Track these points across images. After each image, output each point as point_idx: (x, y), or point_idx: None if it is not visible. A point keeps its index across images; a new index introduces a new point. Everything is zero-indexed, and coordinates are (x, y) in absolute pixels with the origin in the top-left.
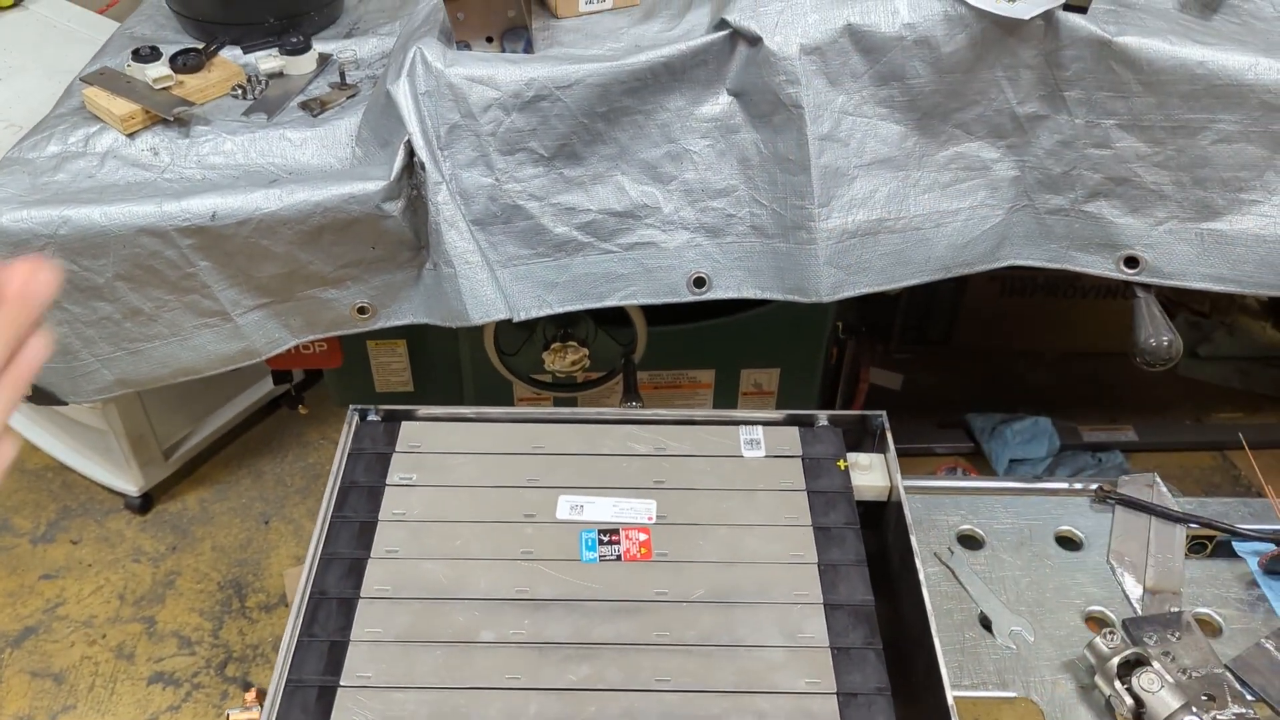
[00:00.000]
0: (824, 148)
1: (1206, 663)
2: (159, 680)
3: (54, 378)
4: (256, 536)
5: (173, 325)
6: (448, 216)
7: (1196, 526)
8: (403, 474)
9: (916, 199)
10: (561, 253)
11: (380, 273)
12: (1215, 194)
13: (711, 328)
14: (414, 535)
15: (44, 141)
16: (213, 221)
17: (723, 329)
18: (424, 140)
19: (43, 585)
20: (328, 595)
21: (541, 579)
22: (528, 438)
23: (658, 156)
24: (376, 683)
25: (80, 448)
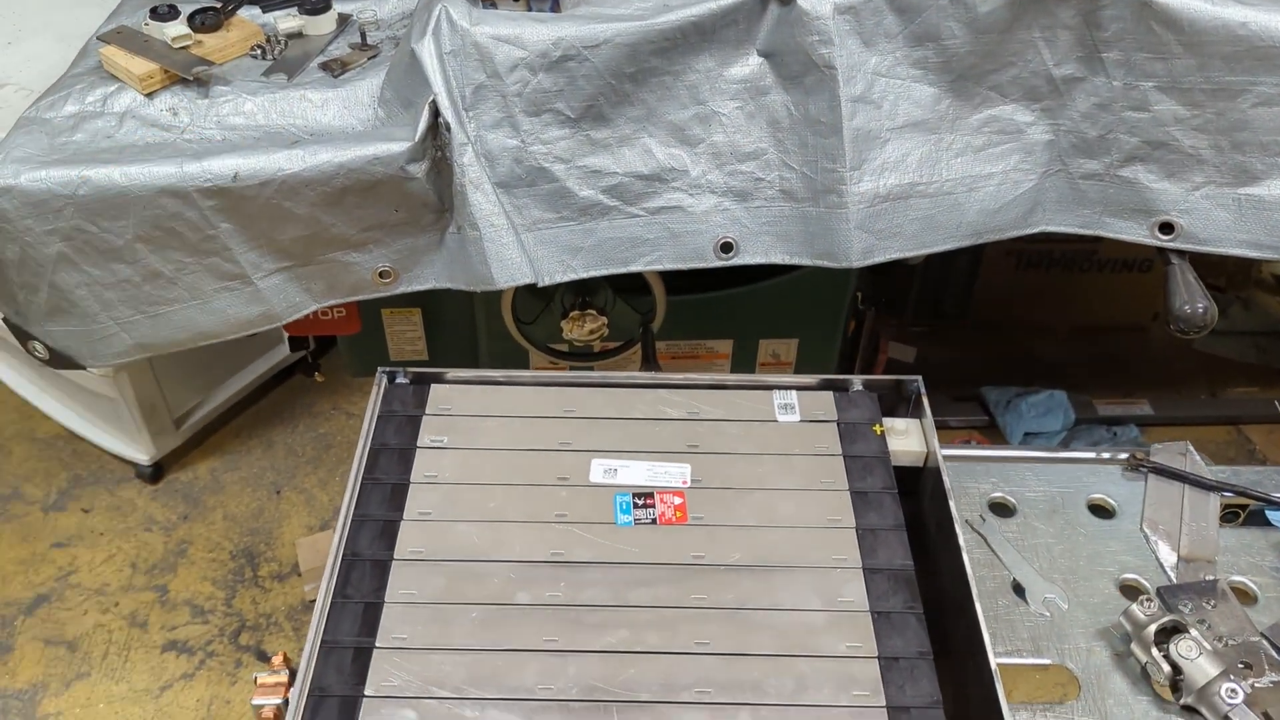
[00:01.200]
0: (856, 110)
1: (1243, 631)
2: (172, 648)
3: (72, 341)
4: (268, 506)
5: (192, 288)
6: (473, 178)
7: (1230, 495)
8: (434, 436)
9: (949, 163)
10: (587, 216)
11: (403, 236)
12: (1254, 158)
13: (730, 297)
14: (447, 497)
15: (61, 101)
16: (234, 182)
17: (742, 298)
18: (449, 101)
19: (55, 553)
20: (360, 557)
21: (576, 542)
22: (558, 402)
23: (686, 118)
24: (413, 645)
25: (91, 416)
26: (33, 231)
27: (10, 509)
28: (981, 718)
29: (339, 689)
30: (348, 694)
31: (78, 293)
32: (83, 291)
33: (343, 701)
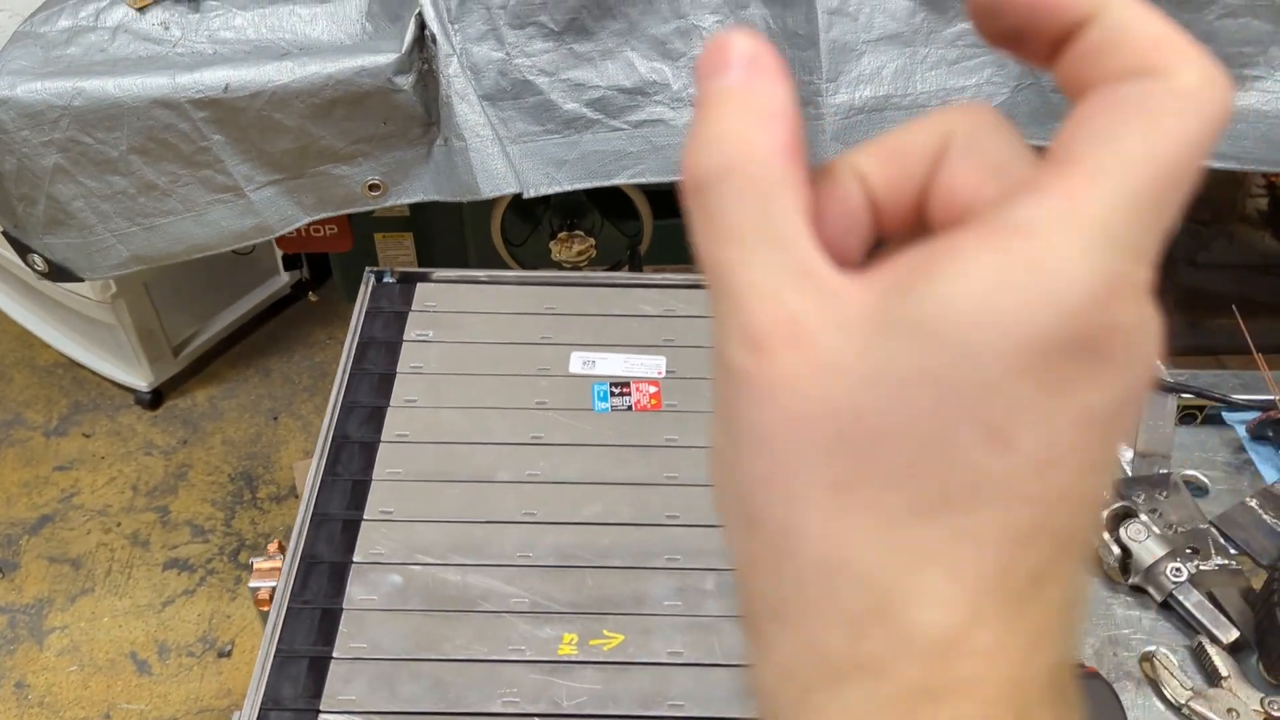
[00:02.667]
0: (833, 22)
1: (1192, 519)
2: (174, 566)
3: (70, 254)
4: (265, 432)
5: (187, 200)
6: (459, 90)
7: (1189, 396)
8: (419, 331)
9: (923, 75)
10: (571, 129)
11: (392, 149)
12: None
13: None
14: (432, 386)
15: (54, 16)
16: (226, 94)
17: None
18: (435, 13)
19: (57, 476)
20: (350, 439)
21: (555, 426)
22: (540, 299)
23: (667, 32)
24: (399, 517)
25: (90, 344)
26: (29, 143)
27: (13, 434)
28: None
29: (329, 556)
30: (337, 560)
31: (75, 204)
32: (79, 203)
33: (332, 567)
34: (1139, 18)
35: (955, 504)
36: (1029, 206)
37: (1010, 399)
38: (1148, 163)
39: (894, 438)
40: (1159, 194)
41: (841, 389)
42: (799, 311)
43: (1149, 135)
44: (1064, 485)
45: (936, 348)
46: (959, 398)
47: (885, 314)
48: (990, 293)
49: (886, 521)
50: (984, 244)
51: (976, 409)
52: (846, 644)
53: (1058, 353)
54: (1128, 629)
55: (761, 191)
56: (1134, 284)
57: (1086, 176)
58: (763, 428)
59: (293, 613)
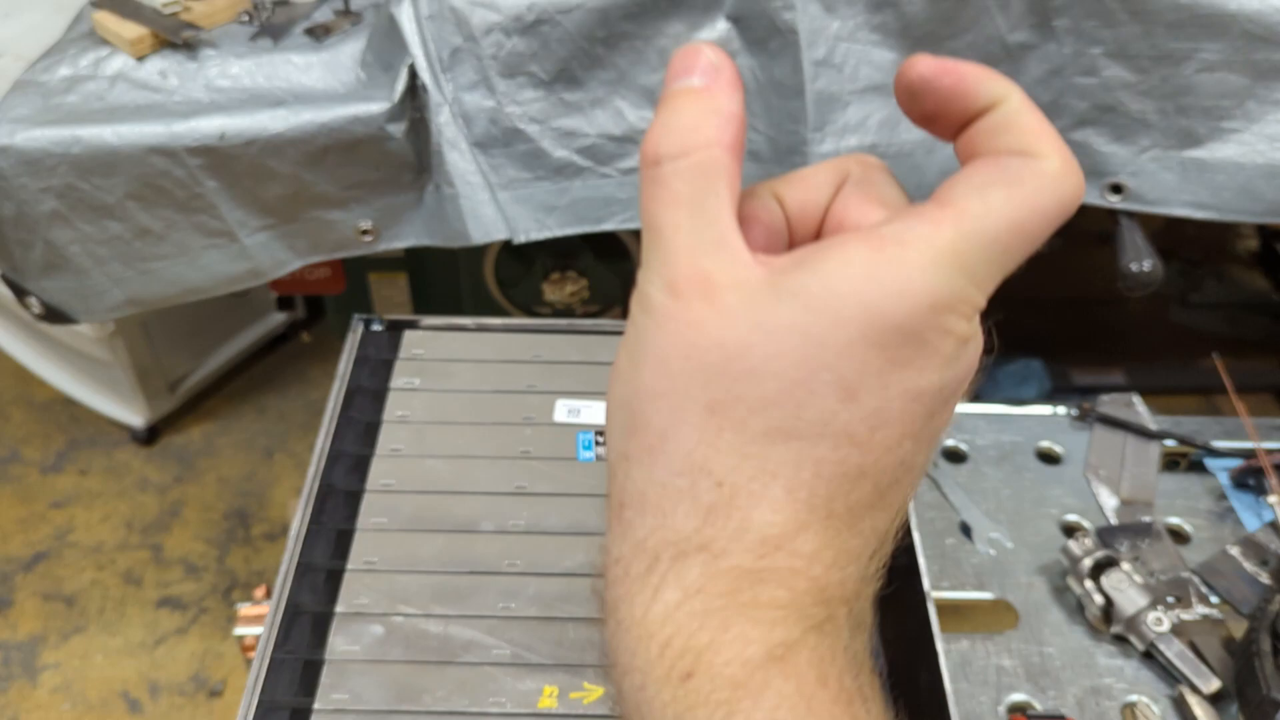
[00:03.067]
0: (819, 73)
1: (1174, 567)
2: (167, 604)
3: (66, 297)
4: (260, 469)
5: (181, 245)
6: (449, 138)
7: (1171, 443)
8: (406, 379)
9: (908, 125)
10: (561, 176)
11: (383, 194)
12: (1197, 122)
13: None
14: (417, 435)
15: (55, 65)
16: (221, 142)
17: None
18: (426, 63)
19: (52, 513)
20: (335, 488)
21: (539, 476)
22: (526, 347)
23: (656, 82)
24: (382, 567)
25: (87, 381)
26: (28, 189)
27: (9, 471)
28: (918, 644)
29: (312, 606)
30: (320, 611)
31: (71, 249)
32: (76, 248)
33: (315, 617)
34: (1028, 112)
35: (803, 436)
36: (904, 225)
37: (860, 362)
38: (1004, 216)
39: (765, 374)
40: (1007, 242)
41: (732, 332)
42: (712, 270)
43: (1011, 196)
44: (889, 441)
45: (813, 311)
46: (823, 352)
47: (778, 282)
48: (860, 278)
49: (746, 439)
50: (863, 244)
51: (834, 364)
52: (695, 528)
53: (899, 334)
54: (1110, 678)
55: (704, 173)
56: (968, 302)
57: (955, 213)
58: (664, 351)
59: (276, 663)
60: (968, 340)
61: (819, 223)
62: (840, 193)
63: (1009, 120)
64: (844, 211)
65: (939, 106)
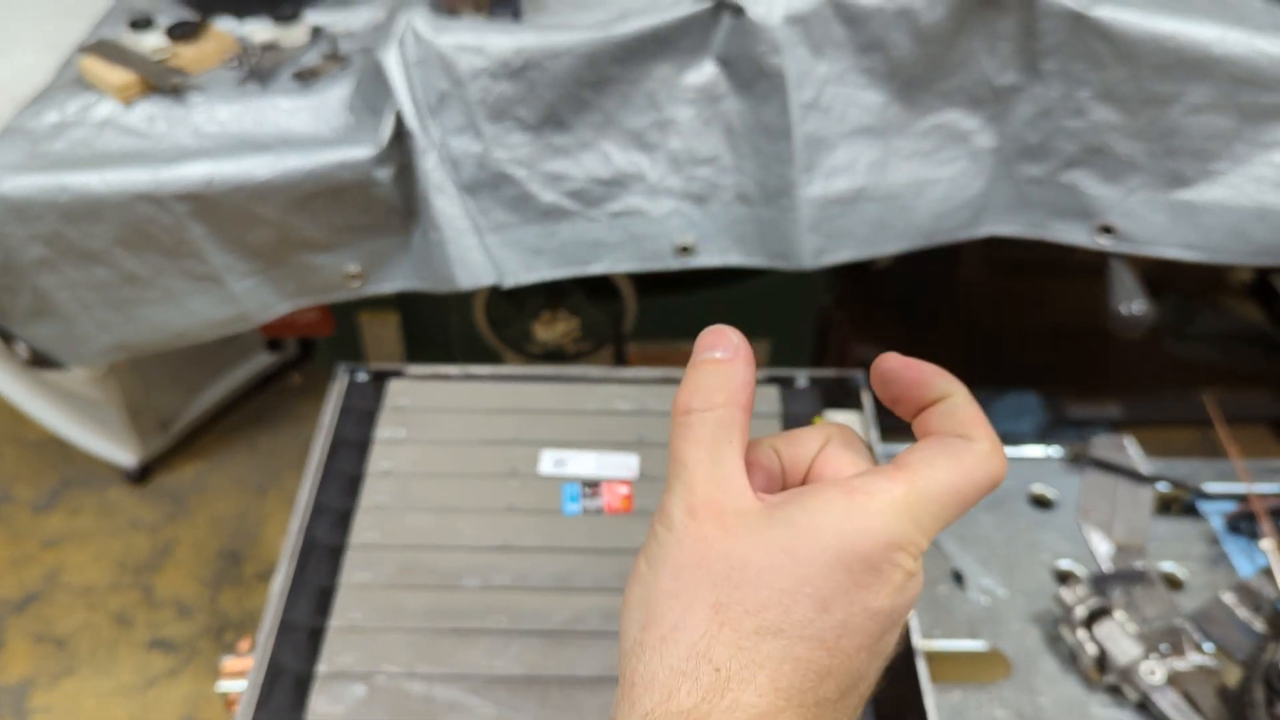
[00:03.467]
0: (806, 116)
1: (1168, 615)
2: (158, 645)
3: (54, 342)
4: (252, 507)
5: (168, 290)
6: (436, 183)
7: (1164, 487)
8: (390, 430)
9: (897, 167)
10: (549, 219)
11: (371, 239)
12: (1186, 164)
13: (700, 299)
14: (401, 488)
15: (43, 111)
16: (207, 188)
17: (712, 301)
18: (413, 108)
19: (44, 553)
20: (318, 544)
21: (525, 530)
22: (512, 396)
23: (644, 125)
24: (365, 625)
25: (80, 420)
26: (15, 236)
27: (1, 510)
28: (908, 696)
29: (294, 665)
30: (302, 670)
31: (58, 295)
32: (63, 294)
33: (297, 677)
34: (968, 405)
35: (786, 635)
36: (871, 480)
37: (833, 581)
38: (946, 482)
39: (760, 583)
40: (947, 501)
41: (736, 548)
42: (723, 500)
43: (951, 467)
44: (850, 649)
45: (799, 538)
46: (806, 569)
47: (773, 513)
48: (836, 515)
49: (742, 634)
50: (839, 491)
51: (814, 580)
52: (694, 704)
53: (862, 562)
54: None
55: (722, 425)
56: (915, 544)
57: (909, 475)
58: (681, 560)
59: None
60: (913, 575)
61: (805, 472)
62: (824, 450)
63: (955, 410)
64: (825, 465)
65: (903, 393)
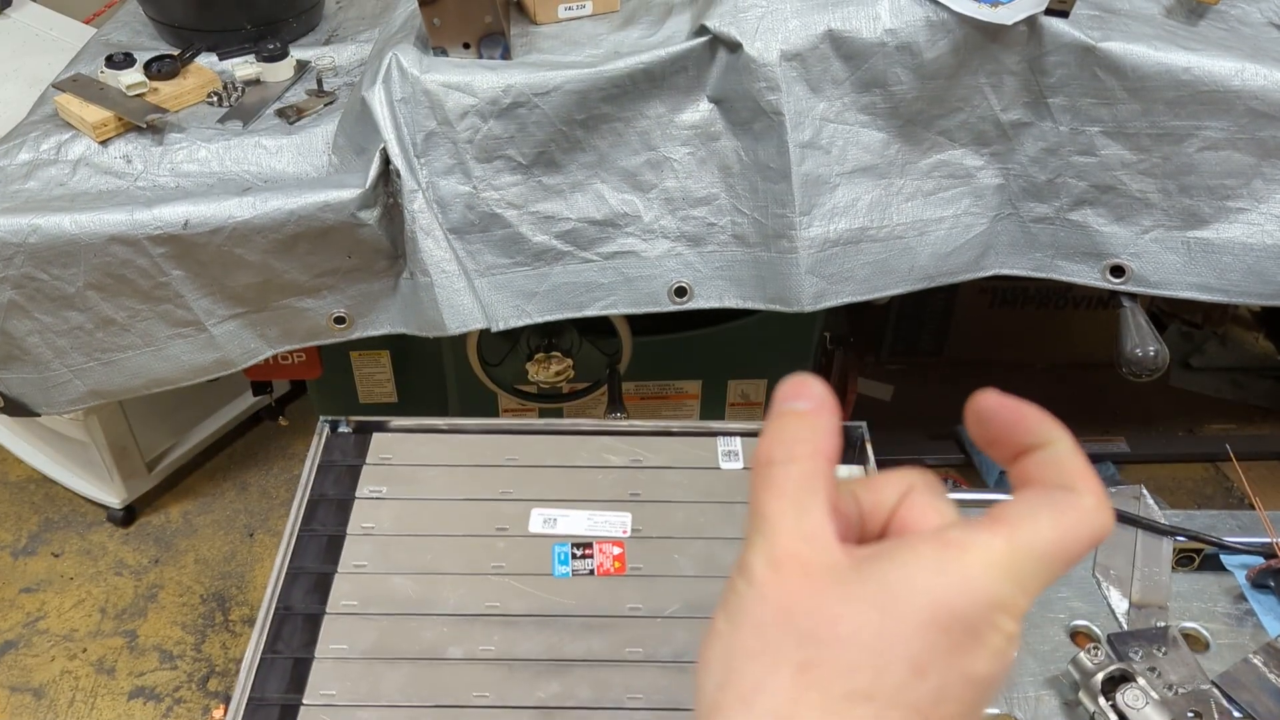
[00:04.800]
0: (805, 155)
1: (1193, 679)
2: (140, 695)
3: (27, 389)
4: (240, 549)
5: (146, 335)
6: (424, 225)
7: (1184, 540)
8: (373, 487)
9: (899, 207)
10: (541, 262)
11: (357, 282)
12: (1202, 202)
13: (697, 338)
14: (382, 549)
15: (15, 149)
16: (185, 230)
17: (708, 339)
18: (399, 148)
19: (23, 599)
20: (293, 611)
21: (512, 594)
22: (501, 449)
23: (638, 164)
24: (340, 701)
25: (63, 459)
26: None
27: None
28: None
29: None
30: None
31: (30, 340)
32: (35, 339)
33: None
34: (1072, 454)
35: (878, 700)
36: (967, 533)
37: (929, 643)
38: (1049, 538)
39: (850, 643)
40: (1050, 559)
41: (824, 603)
42: (809, 553)
43: (1056, 522)
44: (946, 716)
45: (890, 593)
46: (900, 627)
47: (862, 567)
48: (929, 570)
49: (831, 699)
50: (932, 543)
51: (909, 640)
52: None
53: (960, 623)
54: None
55: (807, 476)
56: (1017, 606)
57: (1009, 529)
58: (763, 617)
59: None
60: (1013, 638)
61: (886, 521)
62: (908, 498)
63: (1058, 459)
64: (909, 514)
65: (1000, 435)
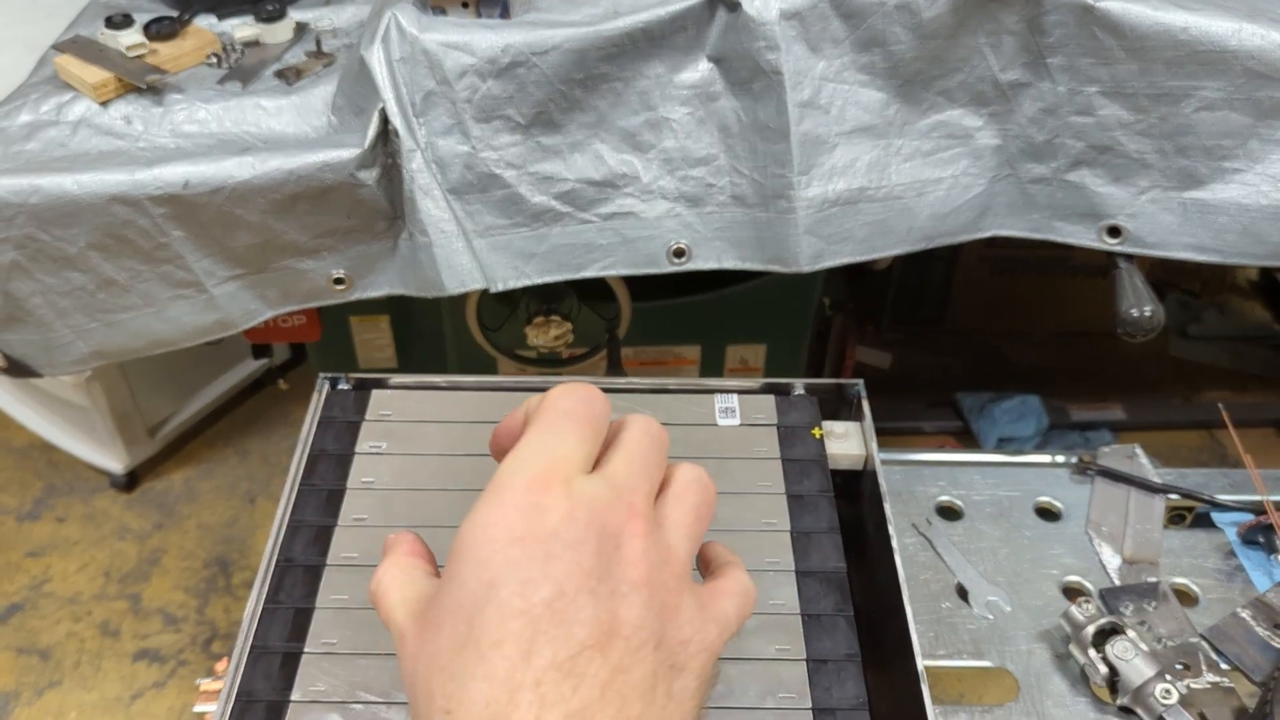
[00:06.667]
0: (804, 115)
1: (1182, 632)
2: (144, 656)
3: (29, 350)
4: (242, 514)
5: (147, 296)
6: (423, 185)
7: (1176, 497)
8: (372, 442)
9: (898, 167)
10: (539, 222)
11: (356, 243)
12: (1198, 162)
13: (696, 303)
14: (382, 503)
15: (15, 111)
16: (185, 190)
17: (707, 304)
18: (398, 108)
19: (28, 562)
20: (294, 562)
21: None
22: (501, 406)
23: (636, 124)
24: (341, 649)
25: (66, 426)
26: None
27: None
28: (910, 717)
29: (266, 694)
30: (274, 699)
31: (32, 301)
32: (37, 300)
33: (269, 706)
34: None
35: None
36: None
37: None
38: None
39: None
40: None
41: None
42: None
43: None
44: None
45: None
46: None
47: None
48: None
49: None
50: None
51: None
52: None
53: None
54: None
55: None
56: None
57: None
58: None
59: None
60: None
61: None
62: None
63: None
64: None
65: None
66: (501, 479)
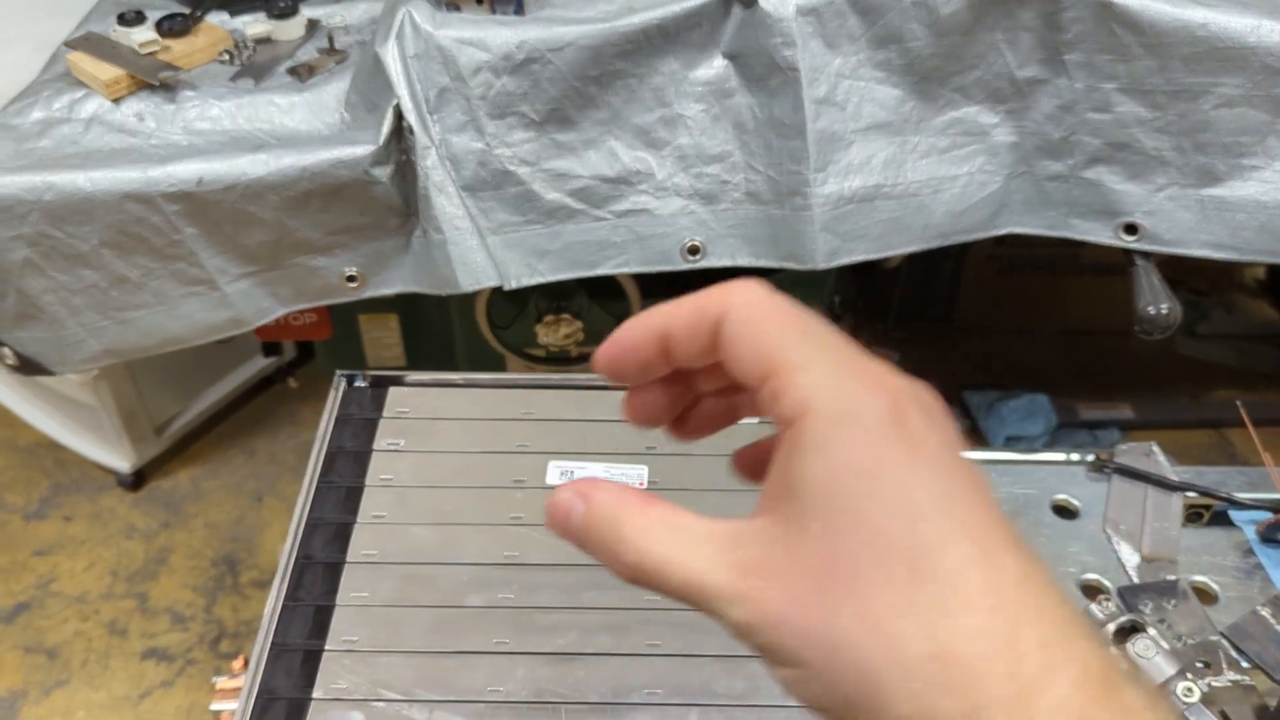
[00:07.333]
0: (820, 111)
1: (1202, 630)
2: (152, 656)
3: (41, 347)
4: (249, 513)
5: (159, 293)
6: (437, 182)
7: (1194, 495)
8: (390, 439)
9: (914, 165)
10: (553, 220)
11: (369, 240)
12: (1216, 159)
13: None
14: (401, 500)
15: (28, 108)
16: (199, 187)
17: None
18: (413, 104)
19: (35, 561)
20: (314, 560)
21: (530, 544)
22: (517, 404)
23: (651, 121)
24: (362, 647)
25: (72, 424)
26: None
27: None
28: None
29: (287, 691)
30: (296, 696)
31: (45, 298)
32: (50, 297)
33: (290, 704)
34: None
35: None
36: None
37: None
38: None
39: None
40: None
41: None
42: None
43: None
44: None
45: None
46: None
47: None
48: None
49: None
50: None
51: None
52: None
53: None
54: None
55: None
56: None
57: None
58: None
59: None
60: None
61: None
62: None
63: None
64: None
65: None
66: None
